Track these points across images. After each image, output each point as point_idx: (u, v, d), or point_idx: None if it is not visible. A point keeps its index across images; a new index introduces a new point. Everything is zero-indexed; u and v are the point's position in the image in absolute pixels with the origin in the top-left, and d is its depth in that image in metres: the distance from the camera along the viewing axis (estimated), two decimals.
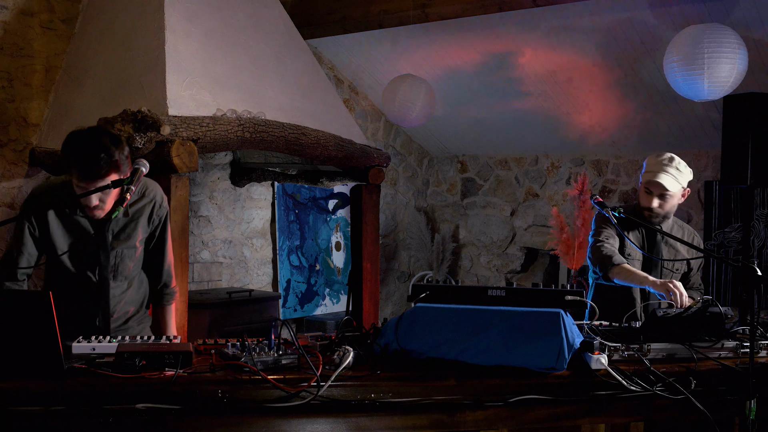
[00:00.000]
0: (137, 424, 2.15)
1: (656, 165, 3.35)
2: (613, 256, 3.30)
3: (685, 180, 3.38)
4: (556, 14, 4.92)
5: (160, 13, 4.17)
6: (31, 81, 4.63)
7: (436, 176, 7.52)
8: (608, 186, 6.40)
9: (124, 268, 2.83)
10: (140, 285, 2.98)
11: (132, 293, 2.92)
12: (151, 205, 2.85)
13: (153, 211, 2.86)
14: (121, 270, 2.83)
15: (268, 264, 6.16)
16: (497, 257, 7.11)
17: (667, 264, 3.48)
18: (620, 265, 3.25)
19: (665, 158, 3.36)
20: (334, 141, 4.62)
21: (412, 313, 2.44)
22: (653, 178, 3.32)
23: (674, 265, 3.51)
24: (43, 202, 2.73)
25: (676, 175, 3.33)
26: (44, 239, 2.75)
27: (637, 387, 2.38)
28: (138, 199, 2.83)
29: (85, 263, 2.79)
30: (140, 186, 2.80)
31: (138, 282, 2.95)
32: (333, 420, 2.28)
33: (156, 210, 2.87)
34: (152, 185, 2.89)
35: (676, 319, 2.66)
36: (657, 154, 3.40)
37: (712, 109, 5.18)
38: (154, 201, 2.86)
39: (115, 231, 2.80)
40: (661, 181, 3.30)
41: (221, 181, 5.81)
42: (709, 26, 4.25)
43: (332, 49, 6.23)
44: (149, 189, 2.86)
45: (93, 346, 2.42)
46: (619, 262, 3.27)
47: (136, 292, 2.95)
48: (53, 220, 2.73)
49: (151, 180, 2.89)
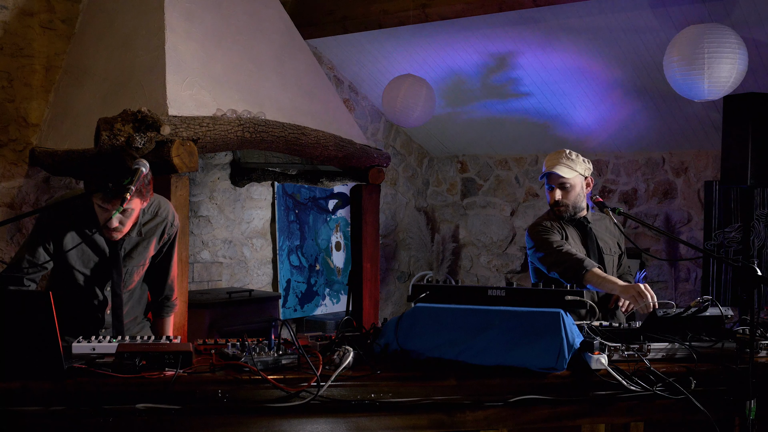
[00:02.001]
0: (137, 424, 2.15)
1: (548, 160, 3.48)
2: (584, 259, 3.26)
3: (581, 168, 3.45)
4: (556, 14, 4.92)
5: (160, 13, 4.17)
6: (31, 81, 4.63)
7: (436, 176, 7.52)
8: (608, 186, 6.40)
9: (129, 282, 2.88)
10: (142, 295, 3.03)
11: (134, 303, 2.97)
12: (163, 224, 2.90)
13: (164, 230, 2.92)
14: (127, 284, 2.88)
15: (268, 264, 6.16)
16: (497, 257, 7.11)
17: (605, 249, 3.52)
18: (592, 270, 3.20)
19: (557, 152, 3.48)
20: (334, 141, 4.62)
21: (412, 313, 2.44)
22: (547, 170, 3.44)
23: (611, 249, 3.55)
24: (62, 217, 2.75)
25: (569, 164, 3.41)
26: (57, 253, 2.76)
27: (637, 387, 2.38)
28: (151, 219, 2.87)
29: (94, 279, 2.83)
30: (153, 205, 2.87)
31: (140, 292, 3.00)
32: (333, 420, 2.28)
33: (167, 228, 2.92)
34: (164, 204, 2.93)
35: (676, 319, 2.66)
36: None
37: (712, 109, 5.18)
38: (166, 221, 2.91)
39: (128, 249, 2.84)
40: (555, 171, 3.39)
41: (221, 181, 5.81)
42: (709, 26, 4.25)
43: (332, 49, 6.23)
44: (162, 208, 2.91)
45: (93, 346, 2.42)
46: (590, 266, 3.22)
47: (137, 303, 3.00)
48: (69, 236, 2.75)
49: (163, 198, 2.95)
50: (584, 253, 3.44)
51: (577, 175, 3.43)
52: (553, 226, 3.44)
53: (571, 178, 3.41)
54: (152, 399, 2.15)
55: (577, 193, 3.45)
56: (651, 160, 6.14)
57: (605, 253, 3.52)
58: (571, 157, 3.44)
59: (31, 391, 2.12)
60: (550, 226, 3.44)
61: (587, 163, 3.50)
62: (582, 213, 3.50)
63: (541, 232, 3.43)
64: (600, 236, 3.54)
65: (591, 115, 5.93)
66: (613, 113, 5.82)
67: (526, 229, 3.58)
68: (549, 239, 3.38)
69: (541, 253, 3.39)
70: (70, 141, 4.32)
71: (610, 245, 3.56)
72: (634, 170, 6.22)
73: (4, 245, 4.55)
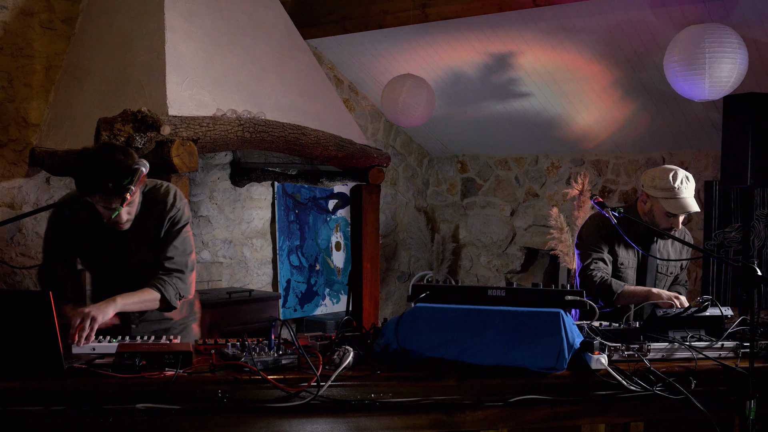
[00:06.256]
0: (137, 424, 2.15)
1: (678, 191, 3.28)
2: (611, 284, 3.27)
3: None
4: (556, 14, 4.92)
5: (160, 13, 4.17)
6: (31, 81, 4.63)
7: (436, 176, 7.52)
8: (608, 186, 6.39)
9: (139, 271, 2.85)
10: None
11: None
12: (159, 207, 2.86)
13: (163, 212, 2.86)
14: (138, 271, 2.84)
15: (268, 264, 6.16)
16: (497, 257, 7.11)
17: (661, 268, 3.46)
18: (621, 292, 3.25)
19: (681, 180, 3.30)
20: (334, 141, 4.62)
21: (412, 313, 2.44)
22: (685, 208, 3.28)
23: (668, 269, 3.51)
24: (69, 213, 2.81)
25: (692, 190, 3.31)
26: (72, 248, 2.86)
27: (637, 387, 2.38)
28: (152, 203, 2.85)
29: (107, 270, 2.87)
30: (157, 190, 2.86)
31: None
32: (333, 420, 2.28)
33: (168, 211, 2.86)
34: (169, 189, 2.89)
35: (676, 319, 2.66)
36: (669, 174, 3.32)
37: (712, 109, 5.18)
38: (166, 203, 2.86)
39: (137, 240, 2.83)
40: (693, 210, 3.27)
41: (221, 181, 5.81)
42: (710, 26, 4.25)
43: (332, 49, 6.23)
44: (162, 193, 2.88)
45: (93, 346, 2.42)
46: (618, 289, 3.25)
47: None
48: (78, 230, 2.81)
49: (172, 185, 2.91)
50: (634, 267, 3.41)
51: None
52: (602, 243, 3.35)
53: None
54: (152, 399, 2.15)
55: None
56: (651, 160, 6.14)
57: (659, 272, 3.48)
58: (690, 180, 3.33)
59: (31, 391, 2.12)
60: (601, 240, 3.36)
61: None
62: None
63: (587, 239, 3.40)
64: (663, 253, 3.48)
65: (591, 115, 5.93)
66: (613, 113, 5.81)
67: (582, 226, 3.53)
68: (588, 254, 3.36)
69: (578, 263, 3.42)
70: (70, 141, 4.32)
71: (668, 266, 3.50)
72: (634, 170, 6.22)
73: (4, 245, 4.55)
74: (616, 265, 3.40)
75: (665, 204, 3.29)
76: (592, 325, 2.71)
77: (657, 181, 3.32)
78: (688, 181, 3.31)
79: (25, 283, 4.63)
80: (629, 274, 3.43)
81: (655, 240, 3.43)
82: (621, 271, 3.41)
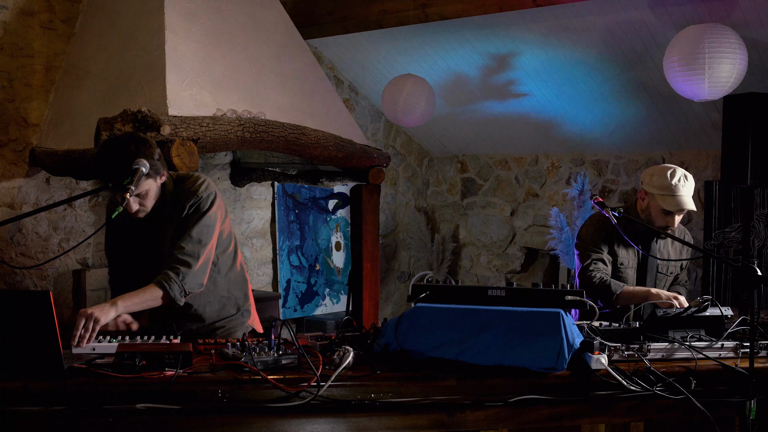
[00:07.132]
0: (137, 424, 2.15)
1: (675, 188, 3.29)
2: (610, 285, 3.27)
3: None
4: (556, 14, 4.92)
5: (160, 13, 4.16)
6: (31, 81, 4.63)
7: (436, 176, 7.52)
8: (608, 186, 6.39)
9: None
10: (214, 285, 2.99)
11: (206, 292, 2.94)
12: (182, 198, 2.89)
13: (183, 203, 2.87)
14: None
15: (268, 264, 6.16)
16: (497, 257, 7.11)
17: (662, 268, 3.47)
18: (621, 292, 3.26)
19: (679, 178, 3.31)
20: (334, 141, 4.62)
21: (412, 313, 2.44)
22: (681, 205, 3.29)
23: (668, 269, 3.51)
24: (109, 212, 2.90)
25: (691, 189, 3.31)
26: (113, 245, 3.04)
27: (637, 387, 2.38)
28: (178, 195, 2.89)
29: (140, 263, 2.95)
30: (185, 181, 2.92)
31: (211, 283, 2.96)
32: (333, 420, 2.28)
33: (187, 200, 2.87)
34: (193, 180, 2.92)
35: (676, 319, 2.66)
36: (667, 172, 3.33)
37: (712, 109, 5.18)
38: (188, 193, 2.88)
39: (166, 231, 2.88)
40: (689, 208, 3.28)
41: (221, 181, 5.81)
42: (709, 26, 4.25)
43: (332, 49, 6.23)
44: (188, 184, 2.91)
45: (93, 346, 2.42)
46: (617, 289, 3.26)
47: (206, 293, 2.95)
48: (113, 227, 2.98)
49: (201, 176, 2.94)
50: (635, 266, 3.41)
51: None
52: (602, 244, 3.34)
53: None
54: (152, 399, 2.15)
55: None
56: (651, 160, 6.13)
57: (659, 272, 3.48)
58: (688, 179, 3.34)
59: (31, 391, 2.12)
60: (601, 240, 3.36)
61: None
62: None
63: (586, 238, 3.40)
64: (663, 253, 3.48)
65: (591, 115, 5.93)
66: (613, 113, 5.81)
67: (581, 226, 3.53)
68: (588, 254, 3.36)
69: (577, 262, 3.42)
70: (70, 141, 4.32)
71: (668, 266, 3.50)
72: (634, 170, 6.22)
73: (4, 245, 4.55)
74: (616, 266, 3.40)
75: (662, 201, 3.30)
76: (592, 325, 2.71)
77: (655, 179, 3.33)
78: (687, 180, 3.31)
79: (25, 283, 4.63)
80: (629, 275, 3.43)
81: (655, 240, 3.43)
82: (621, 272, 3.41)
